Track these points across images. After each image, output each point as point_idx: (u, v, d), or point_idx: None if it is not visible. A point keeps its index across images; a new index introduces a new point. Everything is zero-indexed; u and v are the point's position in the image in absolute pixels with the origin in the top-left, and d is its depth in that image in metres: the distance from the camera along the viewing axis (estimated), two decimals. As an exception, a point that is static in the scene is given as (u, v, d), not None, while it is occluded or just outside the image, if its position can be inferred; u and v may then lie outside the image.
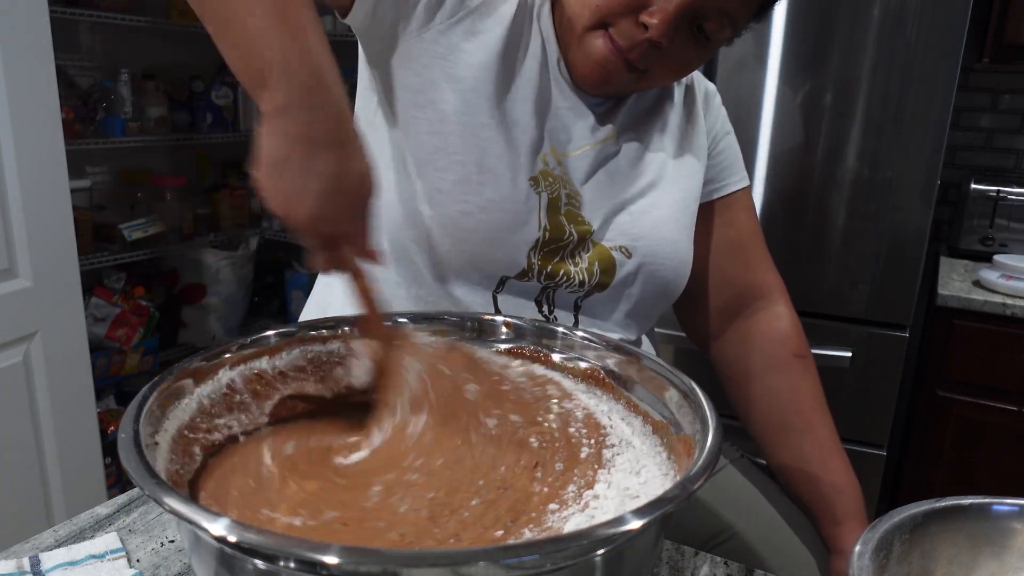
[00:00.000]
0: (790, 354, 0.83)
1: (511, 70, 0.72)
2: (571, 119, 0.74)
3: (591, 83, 0.72)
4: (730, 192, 0.85)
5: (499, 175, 0.69)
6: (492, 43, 0.70)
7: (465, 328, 0.66)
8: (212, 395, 0.54)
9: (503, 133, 0.70)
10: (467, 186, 0.69)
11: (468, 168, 0.69)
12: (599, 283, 0.74)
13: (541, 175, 0.72)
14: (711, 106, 0.86)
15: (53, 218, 1.54)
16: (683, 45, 0.69)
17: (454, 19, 0.69)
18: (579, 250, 0.73)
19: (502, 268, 0.71)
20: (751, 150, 1.73)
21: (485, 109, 0.70)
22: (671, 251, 0.76)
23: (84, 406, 1.68)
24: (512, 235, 0.70)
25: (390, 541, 0.44)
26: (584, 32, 0.69)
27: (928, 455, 1.84)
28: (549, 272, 0.72)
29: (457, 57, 0.70)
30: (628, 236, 0.74)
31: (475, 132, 0.69)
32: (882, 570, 0.46)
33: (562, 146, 0.74)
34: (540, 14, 0.73)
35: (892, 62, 1.57)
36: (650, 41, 0.67)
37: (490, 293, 0.73)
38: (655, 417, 0.56)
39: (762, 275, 0.87)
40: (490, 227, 0.69)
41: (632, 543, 0.40)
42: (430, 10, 0.69)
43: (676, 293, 0.79)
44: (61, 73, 1.59)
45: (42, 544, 0.61)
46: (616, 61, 0.69)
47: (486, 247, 0.70)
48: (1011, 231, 1.96)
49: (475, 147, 0.69)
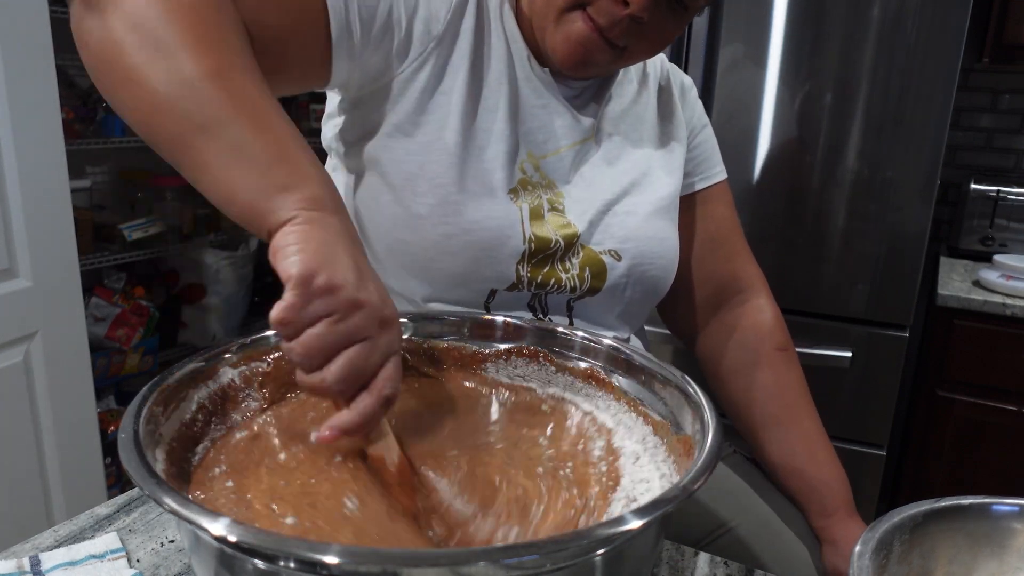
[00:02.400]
0: (773, 348, 0.84)
1: (479, 80, 0.71)
2: (546, 117, 0.74)
3: (571, 65, 0.70)
4: (709, 185, 0.85)
5: (478, 193, 0.69)
6: (459, 63, 0.70)
7: (465, 328, 0.66)
8: (212, 395, 0.54)
9: (477, 149, 0.70)
10: (447, 207, 0.68)
11: (447, 190, 0.68)
12: (591, 288, 0.74)
13: (520, 184, 0.71)
14: (687, 99, 0.85)
15: (53, 218, 1.54)
16: (662, 17, 0.68)
17: (425, 52, 0.68)
18: (568, 255, 0.73)
19: (491, 283, 0.71)
20: (751, 150, 1.73)
21: (459, 128, 0.69)
22: (659, 249, 0.76)
23: (84, 406, 1.68)
24: (498, 251, 0.69)
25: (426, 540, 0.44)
26: (561, 14, 0.68)
27: (928, 455, 1.84)
28: (540, 281, 0.72)
29: (433, 87, 0.69)
30: (616, 239, 0.74)
31: (450, 152, 0.68)
32: (882, 570, 0.46)
33: (539, 147, 0.73)
34: (502, 15, 0.72)
35: (892, 62, 1.57)
36: (631, 17, 0.65)
37: (481, 306, 0.72)
38: (655, 417, 0.56)
39: (743, 267, 0.87)
40: (475, 247, 0.68)
41: (632, 543, 0.40)
42: (401, 55, 0.68)
43: (664, 290, 0.79)
44: (61, 73, 1.59)
45: (42, 544, 0.61)
46: (596, 40, 0.68)
47: (473, 266, 0.69)
48: (1011, 231, 1.96)
49: (451, 167, 0.68)
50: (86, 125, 2.13)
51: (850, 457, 1.70)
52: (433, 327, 0.66)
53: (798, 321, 1.69)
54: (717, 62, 1.71)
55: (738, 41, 1.69)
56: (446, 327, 0.66)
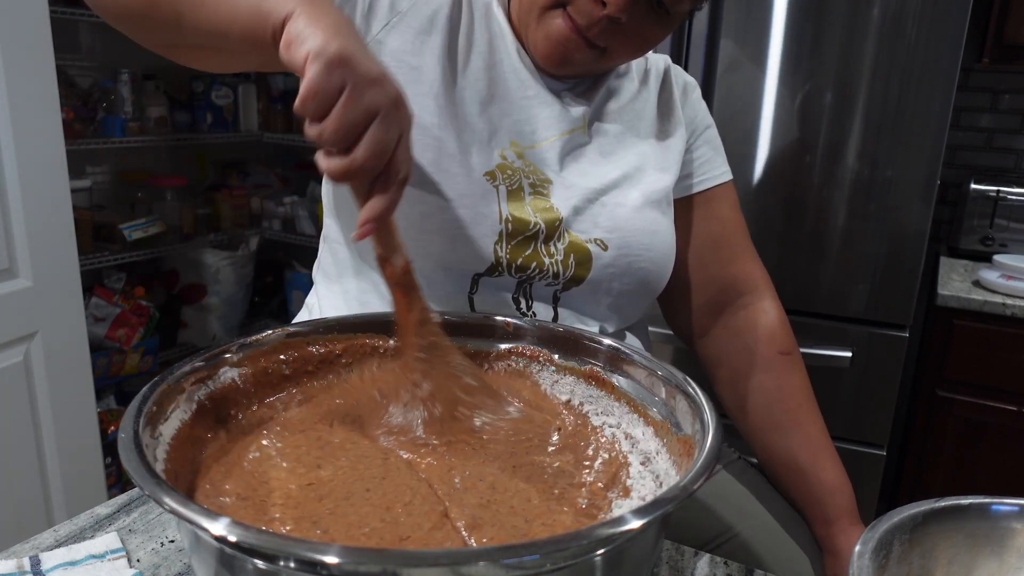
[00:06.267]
0: (776, 352, 0.83)
1: (455, 70, 0.72)
2: (535, 108, 0.74)
3: (552, 63, 0.72)
4: (712, 186, 0.85)
5: (453, 173, 0.70)
6: (432, 44, 0.71)
7: (465, 328, 0.66)
8: (212, 395, 0.54)
9: (453, 131, 0.71)
10: (425, 187, 0.69)
11: (424, 170, 0.69)
12: (575, 276, 0.73)
13: (499, 168, 0.72)
14: (689, 99, 0.85)
15: (53, 218, 1.54)
16: (643, 20, 0.69)
17: (388, 26, 0.70)
18: (552, 240, 0.72)
19: (470, 265, 0.71)
20: (750, 150, 1.73)
21: (433, 109, 0.70)
22: (648, 242, 0.75)
23: (84, 406, 1.68)
24: (474, 229, 0.70)
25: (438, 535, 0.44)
26: (542, 12, 0.70)
27: (928, 455, 1.84)
28: (520, 264, 0.71)
29: (398, 62, 0.70)
30: (602, 228, 0.74)
31: (425, 133, 0.69)
32: (882, 570, 0.46)
33: (526, 138, 0.74)
34: (488, 13, 0.74)
35: (892, 62, 1.57)
36: (609, 17, 0.67)
37: (465, 296, 0.72)
38: (655, 417, 0.56)
39: (747, 269, 0.86)
40: (451, 224, 0.69)
41: (632, 543, 0.40)
42: (365, 20, 0.70)
43: (659, 286, 0.79)
44: (61, 73, 1.59)
45: (42, 544, 0.61)
46: (575, 39, 0.69)
47: (450, 244, 0.70)
48: (1011, 231, 1.96)
49: (427, 147, 0.69)
50: (86, 125, 2.13)
51: (850, 457, 1.70)
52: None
53: (798, 321, 1.68)
54: (717, 62, 1.71)
55: (738, 41, 1.69)
56: (446, 327, 0.66)
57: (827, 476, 0.78)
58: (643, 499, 0.50)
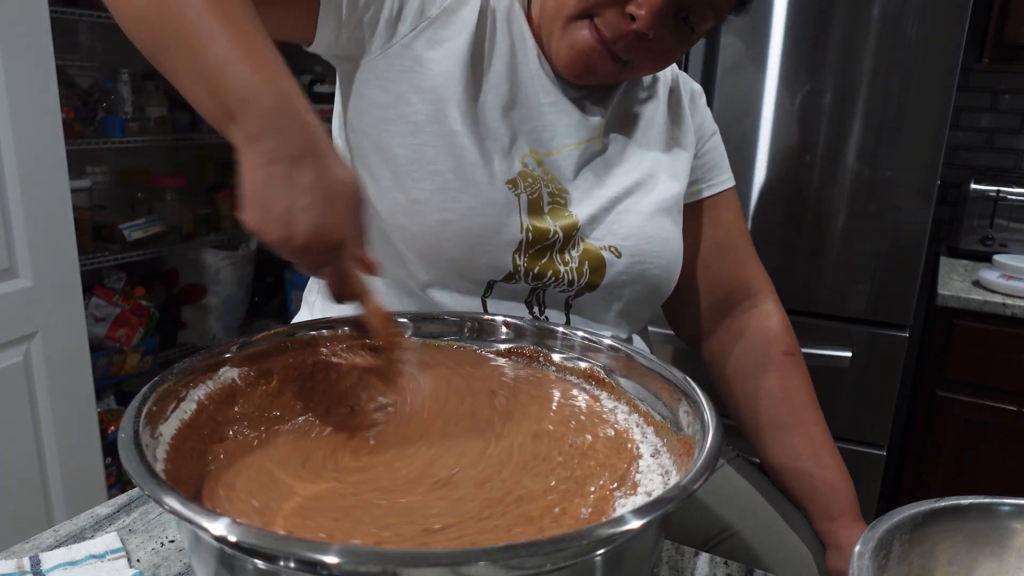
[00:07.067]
0: (780, 352, 0.84)
1: (479, 75, 0.72)
2: (554, 116, 0.74)
3: (573, 72, 0.72)
4: (717, 192, 0.86)
5: (476, 181, 0.69)
6: (457, 51, 0.70)
7: (465, 328, 0.66)
8: (212, 395, 0.54)
9: (476, 139, 0.70)
10: (445, 194, 0.68)
11: (445, 176, 0.69)
12: (589, 283, 0.74)
13: (520, 176, 0.72)
14: (697, 106, 0.86)
15: (53, 218, 1.54)
16: (668, 36, 0.69)
17: (416, 31, 0.70)
18: (567, 248, 0.73)
19: (487, 273, 0.71)
20: (751, 150, 1.73)
21: (456, 116, 0.70)
22: (661, 249, 0.76)
23: (84, 406, 1.68)
24: (494, 238, 0.70)
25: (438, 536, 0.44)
26: (568, 21, 0.69)
27: (928, 455, 1.84)
28: (536, 273, 0.72)
29: (423, 67, 0.70)
30: (617, 236, 0.74)
31: (448, 140, 0.69)
32: (882, 570, 0.46)
33: (545, 144, 0.74)
34: (510, 16, 0.74)
35: (892, 62, 1.57)
36: (636, 32, 0.67)
37: (479, 299, 0.73)
38: (655, 417, 0.56)
39: (750, 273, 0.88)
40: (471, 233, 0.69)
41: (632, 543, 0.40)
42: (391, 25, 0.69)
43: (667, 291, 0.80)
44: (61, 73, 1.59)
45: (42, 544, 0.61)
46: (601, 51, 0.69)
47: (469, 253, 0.70)
48: (1011, 231, 1.96)
49: (449, 155, 0.69)
50: (86, 125, 2.13)
51: (850, 457, 1.69)
52: (433, 327, 0.66)
53: (798, 321, 1.68)
54: (717, 62, 1.71)
55: (738, 41, 1.69)
56: (446, 327, 0.66)
57: (829, 473, 0.78)
58: (648, 495, 0.50)
